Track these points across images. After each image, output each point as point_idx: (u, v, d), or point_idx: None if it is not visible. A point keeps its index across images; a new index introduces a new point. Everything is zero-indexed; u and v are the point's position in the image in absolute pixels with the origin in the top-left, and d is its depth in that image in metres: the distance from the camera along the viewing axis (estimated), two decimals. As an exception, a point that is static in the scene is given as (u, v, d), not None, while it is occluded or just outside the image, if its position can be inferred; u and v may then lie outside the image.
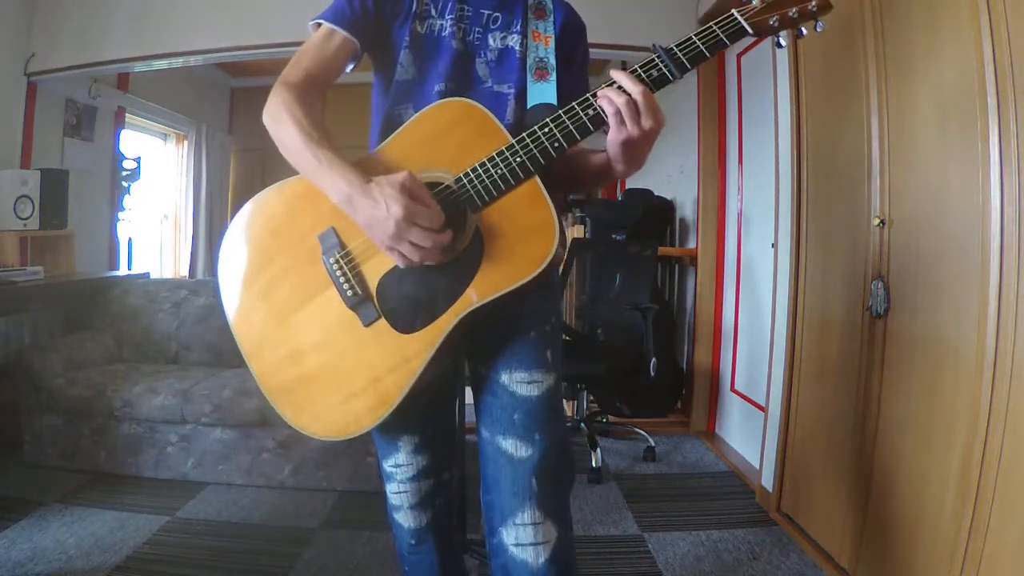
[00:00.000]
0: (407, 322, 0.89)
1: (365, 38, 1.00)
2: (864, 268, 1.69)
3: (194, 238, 4.57)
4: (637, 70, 0.84)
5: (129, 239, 3.85)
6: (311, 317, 0.94)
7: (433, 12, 1.03)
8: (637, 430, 2.90)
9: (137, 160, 3.79)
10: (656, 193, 3.55)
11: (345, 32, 0.98)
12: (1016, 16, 1.17)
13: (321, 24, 0.99)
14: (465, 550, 1.74)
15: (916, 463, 1.47)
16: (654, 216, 3.46)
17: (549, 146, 0.86)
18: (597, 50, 2.16)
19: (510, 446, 0.93)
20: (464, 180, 0.88)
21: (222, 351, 2.84)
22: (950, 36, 1.36)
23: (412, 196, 0.81)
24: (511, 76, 1.03)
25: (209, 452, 2.36)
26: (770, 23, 0.82)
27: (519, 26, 1.04)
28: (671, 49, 0.84)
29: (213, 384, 2.43)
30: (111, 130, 3.67)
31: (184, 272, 4.54)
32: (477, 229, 0.88)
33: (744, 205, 2.90)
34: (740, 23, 0.82)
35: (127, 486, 2.31)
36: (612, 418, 3.17)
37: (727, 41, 0.83)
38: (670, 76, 0.83)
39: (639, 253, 3.03)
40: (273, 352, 0.96)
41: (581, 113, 0.86)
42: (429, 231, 0.82)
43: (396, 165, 0.89)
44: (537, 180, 0.87)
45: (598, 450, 2.53)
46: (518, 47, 1.04)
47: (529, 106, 1.01)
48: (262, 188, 0.98)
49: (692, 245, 3.31)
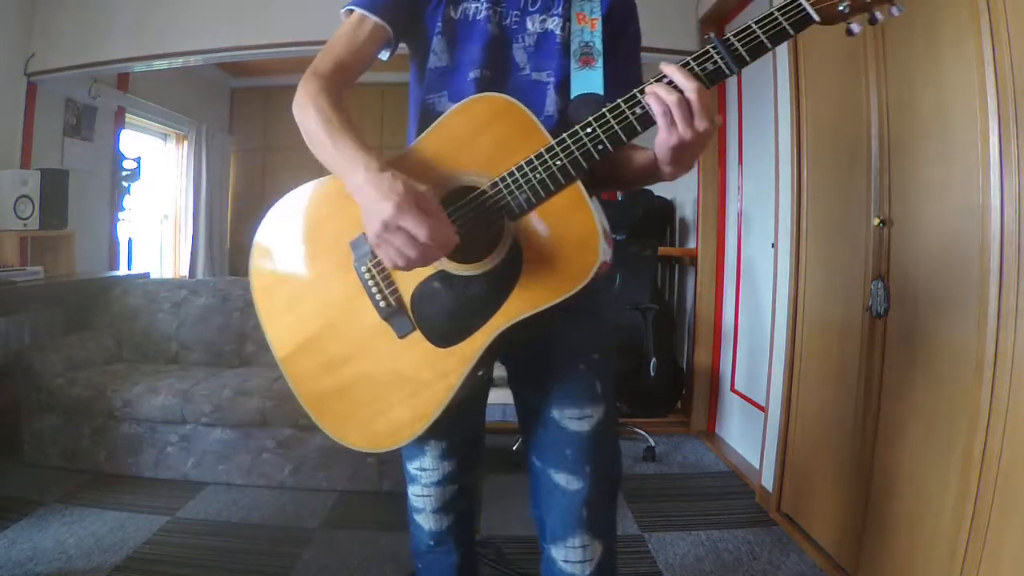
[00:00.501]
0: (443, 336, 0.85)
1: (397, 24, 0.95)
2: (864, 268, 1.69)
3: (194, 238, 4.57)
4: (690, 63, 0.76)
5: (129, 239, 3.85)
6: (345, 326, 0.91)
7: None
8: (637, 430, 2.90)
9: (137, 160, 3.80)
10: (656, 193, 3.55)
11: (376, 18, 0.94)
12: (1016, 17, 1.17)
13: (353, 11, 0.95)
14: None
15: (916, 463, 1.47)
16: (654, 216, 3.46)
17: (592, 149, 0.79)
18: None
19: (562, 480, 0.93)
20: (500, 185, 0.82)
21: (222, 351, 2.85)
22: (950, 36, 1.36)
23: (418, 204, 0.75)
24: (551, 63, 0.95)
25: (209, 452, 2.36)
26: (839, 9, 0.74)
27: (560, 8, 0.96)
28: (728, 40, 0.75)
29: (213, 384, 2.43)
30: (111, 130, 3.67)
31: (184, 272, 4.54)
32: (515, 239, 0.82)
33: (744, 205, 2.90)
34: (806, 9, 0.73)
35: (127, 486, 2.31)
36: (612, 418, 3.16)
37: (791, 31, 0.74)
38: (727, 70, 0.75)
39: (639, 253, 3.03)
40: (308, 359, 0.94)
41: (628, 112, 0.78)
42: (414, 241, 0.74)
43: (430, 165, 0.85)
44: (579, 186, 0.80)
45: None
46: (559, 31, 0.96)
47: (573, 96, 0.93)
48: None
49: (692, 245, 3.31)
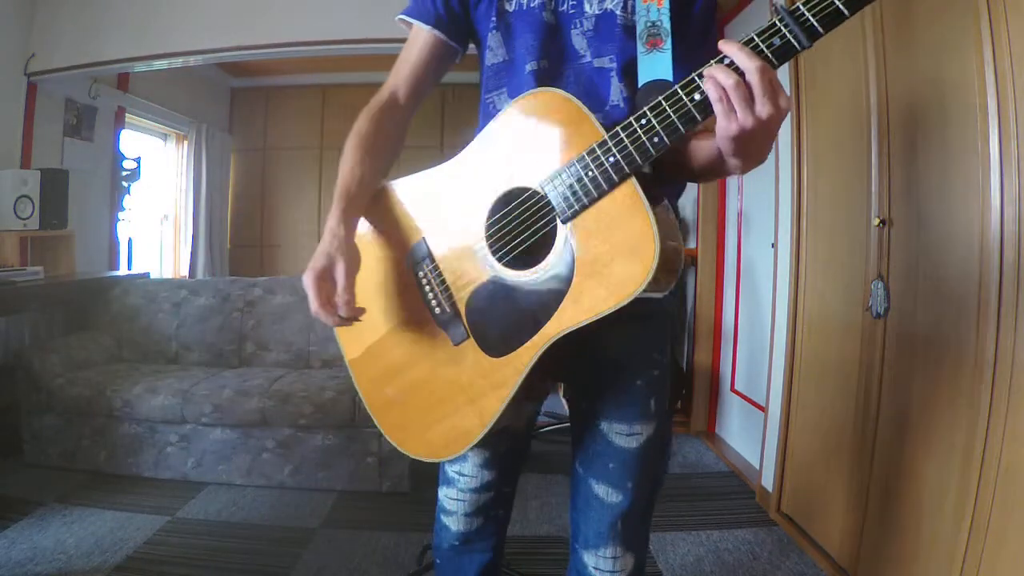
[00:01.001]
0: (496, 345, 0.82)
1: (446, 26, 0.93)
2: (864, 268, 1.69)
3: (194, 238, 4.57)
4: (755, 40, 0.67)
5: (129, 239, 3.84)
6: (404, 331, 0.91)
7: None
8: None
9: (137, 160, 3.79)
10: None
11: (424, 25, 0.92)
12: (1016, 16, 1.17)
13: (403, 19, 0.95)
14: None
15: (916, 463, 1.47)
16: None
17: (648, 142, 0.70)
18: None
19: (601, 491, 0.92)
20: (550, 184, 0.77)
21: (222, 351, 2.85)
22: (951, 36, 1.36)
23: (322, 275, 0.81)
24: (611, 46, 0.87)
25: (209, 452, 2.36)
26: None
27: None
28: (796, 10, 0.65)
29: (213, 384, 2.43)
30: (111, 130, 3.67)
31: (184, 272, 4.54)
32: (568, 244, 0.77)
33: (744, 205, 2.90)
34: None
35: (127, 486, 2.31)
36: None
37: None
38: (797, 45, 0.66)
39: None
40: (373, 365, 0.94)
41: (685, 99, 0.69)
42: (319, 303, 0.80)
43: (481, 170, 0.84)
44: (634, 184, 0.72)
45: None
46: (619, 10, 0.86)
47: (640, 84, 0.84)
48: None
49: (692, 245, 3.31)
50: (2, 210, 2.70)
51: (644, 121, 0.71)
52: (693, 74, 0.69)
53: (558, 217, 0.77)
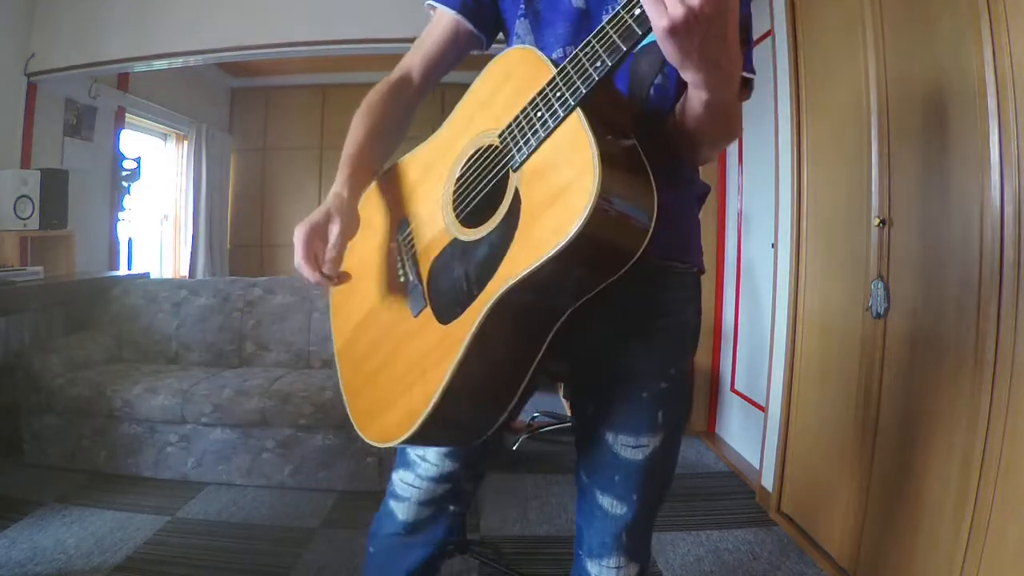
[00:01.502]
0: (448, 309, 0.75)
1: (473, 14, 0.92)
2: (864, 268, 1.69)
3: (194, 238, 4.57)
4: None
5: (129, 239, 3.84)
6: (380, 310, 0.87)
7: None
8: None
9: (137, 160, 3.79)
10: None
11: (449, 10, 0.92)
12: (1016, 16, 1.17)
13: (429, 4, 0.94)
14: (464, 550, 1.75)
15: (916, 463, 1.47)
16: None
17: (590, 66, 0.65)
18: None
19: (606, 503, 0.91)
20: (506, 133, 0.74)
21: (222, 351, 2.85)
22: (951, 36, 1.36)
23: (311, 234, 0.78)
24: None
25: (209, 452, 2.36)
26: None
27: None
28: None
29: (213, 384, 2.43)
30: (111, 130, 3.67)
31: (184, 272, 4.54)
32: (516, 192, 0.71)
33: (744, 205, 2.90)
34: None
35: (127, 486, 2.31)
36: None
37: None
38: None
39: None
40: (354, 350, 0.90)
41: (625, 15, 0.63)
42: (304, 256, 0.78)
43: (458, 134, 0.83)
44: (579, 115, 0.66)
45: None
46: None
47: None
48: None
49: (692, 245, 3.30)
50: (2, 210, 2.70)
51: (587, 48, 0.67)
52: None
53: (511, 166, 0.73)
